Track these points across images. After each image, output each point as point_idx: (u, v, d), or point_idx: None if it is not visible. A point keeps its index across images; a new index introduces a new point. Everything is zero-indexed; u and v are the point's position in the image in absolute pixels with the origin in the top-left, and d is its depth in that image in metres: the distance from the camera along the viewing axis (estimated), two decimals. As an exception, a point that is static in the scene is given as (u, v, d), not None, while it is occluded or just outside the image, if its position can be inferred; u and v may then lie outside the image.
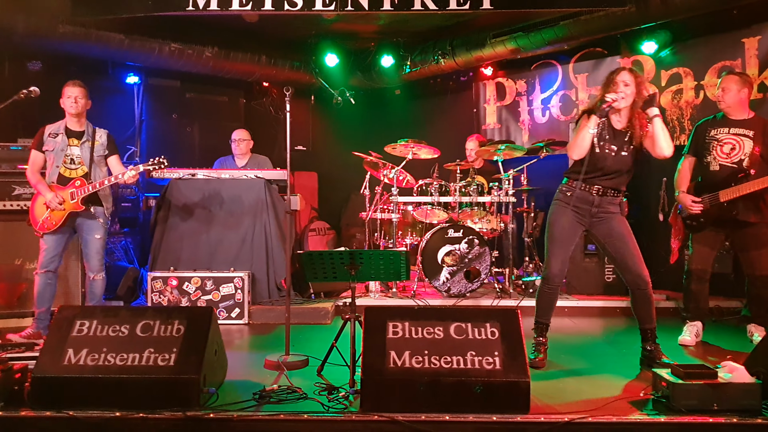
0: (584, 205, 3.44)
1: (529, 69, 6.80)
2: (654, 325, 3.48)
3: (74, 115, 4.16)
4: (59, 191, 4.08)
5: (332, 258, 3.18)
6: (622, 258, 3.42)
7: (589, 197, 3.43)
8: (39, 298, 4.12)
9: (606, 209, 3.43)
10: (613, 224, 3.43)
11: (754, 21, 5.16)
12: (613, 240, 3.43)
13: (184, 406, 2.64)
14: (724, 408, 2.58)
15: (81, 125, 4.22)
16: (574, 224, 3.47)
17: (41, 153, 4.16)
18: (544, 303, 3.58)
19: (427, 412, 2.59)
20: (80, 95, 4.16)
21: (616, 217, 3.44)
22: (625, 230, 3.43)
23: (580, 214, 3.46)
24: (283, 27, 6.55)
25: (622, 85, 3.33)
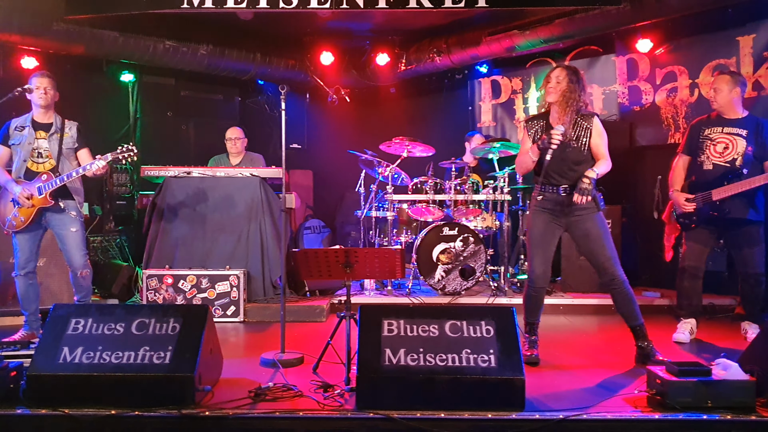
0: (557, 207, 3.47)
1: (524, 67, 6.81)
2: (640, 321, 3.51)
3: (43, 107, 3.98)
4: (26, 186, 3.89)
5: (327, 256, 3.19)
6: (597, 259, 3.46)
7: (558, 198, 3.46)
8: (24, 301, 4.00)
9: (586, 205, 3.40)
10: (590, 225, 3.44)
11: (749, 19, 5.18)
12: (589, 242, 3.46)
13: (179, 404, 2.64)
14: (718, 405, 2.60)
15: (49, 117, 4.02)
16: (550, 226, 3.51)
17: (7, 147, 3.97)
18: (532, 304, 3.60)
19: (423, 410, 2.59)
20: (49, 86, 3.97)
21: (591, 215, 3.45)
22: (601, 231, 3.44)
23: (555, 215, 3.49)
24: (278, 25, 6.53)
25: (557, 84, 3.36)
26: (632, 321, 3.52)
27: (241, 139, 5.68)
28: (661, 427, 2.57)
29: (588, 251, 3.49)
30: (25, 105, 4.10)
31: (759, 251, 3.96)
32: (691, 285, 4.07)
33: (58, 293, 4.67)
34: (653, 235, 5.62)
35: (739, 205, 3.87)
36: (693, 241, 4.06)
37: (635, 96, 5.99)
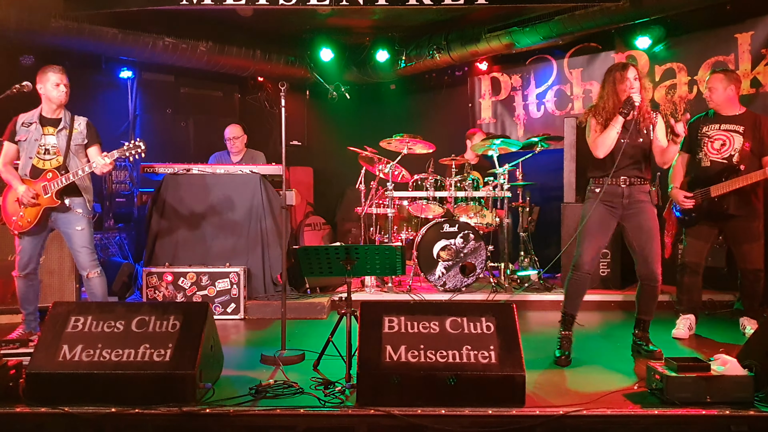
0: (615, 198, 3.51)
1: (524, 64, 6.80)
2: (651, 317, 3.60)
3: (63, 104, 3.86)
4: (31, 185, 3.77)
5: (328, 253, 3.19)
6: (644, 253, 3.49)
7: (617, 190, 3.50)
8: (23, 301, 3.92)
9: (636, 198, 3.49)
10: (643, 218, 3.49)
11: (748, 16, 5.17)
12: (642, 234, 3.49)
13: (180, 401, 2.64)
14: (716, 400, 2.61)
15: (58, 113, 3.87)
16: (605, 217, 3.53)
17: (14, 144, 3.84)
18: (572, 291, 3.60)
19: (423, 406, 2.60)
20: (67, 83, 3.85)
21: (647, 208, 3.51)
22: (653, 226, 3.49)
23: (613, 207, 3.52)
24: (278, 22, 6.52)
25: (634, 81, 3.44)
26: (645, 315, 3.60)
27: (240, 138, 5.68)
28: (661, 422, 2.58)
29: (638, 243, 3.50)
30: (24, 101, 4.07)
31: (758, 247, 3.97)
32: (690, 281, 4.08)
33: (58, 291, 4.67)
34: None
35: (738, 201, 3.88)
36: (693, 238, 4.07)
37: (635, 92, 5.98)
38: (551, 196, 6.02)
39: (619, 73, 3.47)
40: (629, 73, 3.45)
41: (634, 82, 3.44)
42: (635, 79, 3.45)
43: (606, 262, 5.40)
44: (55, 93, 3.83)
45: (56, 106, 3.87)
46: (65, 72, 3.87)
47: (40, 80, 3.85)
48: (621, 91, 3.42)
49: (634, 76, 3.45)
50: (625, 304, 5.10)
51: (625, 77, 3.44)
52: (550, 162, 6.02)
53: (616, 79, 3.47)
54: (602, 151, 3.46)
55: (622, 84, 3.44)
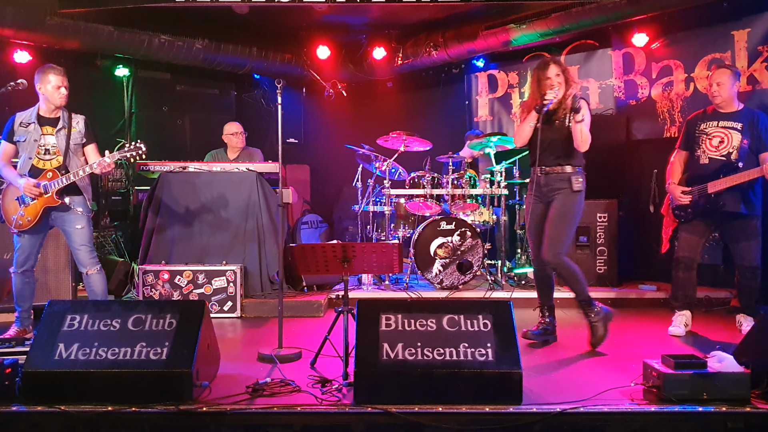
0: (537, 188, 3.70)
1: (521, 61, 6.80)
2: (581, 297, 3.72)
3: (62, 106, 3.87)
4: (32, 179, 3.77)
5: (325, 251, 3.18)
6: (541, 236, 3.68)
7: (537, 179, 3.70)
8: (19, 298, 3.94)
9: (554, 187, 3.65)
10: (555, 205, 3.64)
11: (744, 13, 5.18)
12: (548, 220, 3.67)
13: (176, 400, 2.64)
14: (713, 397, 2.61)
15: (56, 112, 3.88)
16: (535, 208, 3.73)
17: (12, 144, 3.85)
18: (536, 284, 3.93)
19: (421, 404, 2.60)
20: (68, 85, 3.85)
21: (560, 195, 3.64)
22: (560, 213, 3.61)
23: (537, 197, 3.73)
24: (274, 19, 6.50)
25: (555, 78, 3.61)
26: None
27: (239, 135, 5.68)
28: (658, 419, 2.58)
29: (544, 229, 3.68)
30: (19, 99, 4.05)
31: (756, 244, 3.98)
32: (685, 276, 4.08)
33: (54, 289, 4.65)
34: (649, 229, 5.64)
35: (736, 198, 3.88)
36: (688, 233, 4.07)
37: (631, 90, 5.99)
38: (548, 194, 6.00)
39: (540, 72, 3.65)
40: (550, 71, 3.61)
41: (555, 79, 3.60)
42: (557, 76, 3.60)
43: (603, 259, 5.41)
44: (55, 95, 3.83)
45: (54, 107, 3.87)
46: (66, 74, 3.86)
47: (39, 80, 3.83)
48: (542, 88, 3.60)
49: (555, 73, 3.61)
50: (622, 301, 5.12)
51: (546, 75, 3.61)
52: (547, 159, 6.01)
53: (538, 77, 3.66)
54: (518, 143, 3.76)
55: (543, 82, 3.61)
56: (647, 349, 3.64)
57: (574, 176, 3.63)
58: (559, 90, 3.59)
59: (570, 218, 3.63)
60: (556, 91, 3.56)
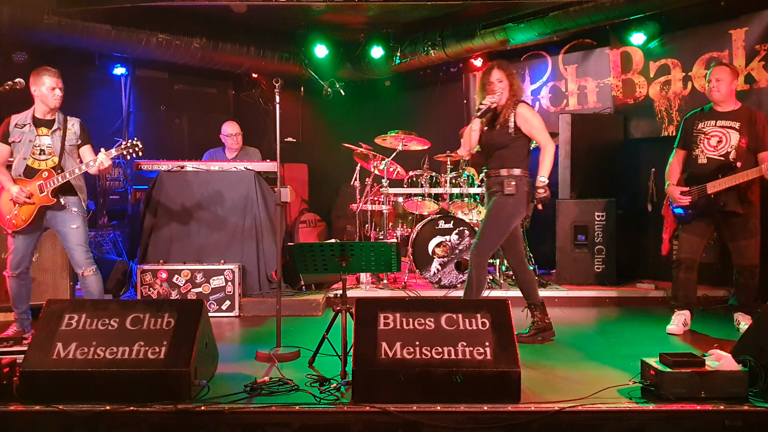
0: (487, 190, 3.84)
1: (519, 60, 6.80)
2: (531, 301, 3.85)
3: (57, 108, 3.87)
4: (26, 184, 3.77)
5: (323, 250, 3.18)
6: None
7: (486, 183, 3.84)
8: (16, 300, 3.92)
9: (492, 189, 3.76)
10: (489, 208, 3.74)
11: (742, 12, 5.18)
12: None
13: (175, 399, 2.64)
14: (711, 395, 2.62)
15: (51, 114, 3.87)
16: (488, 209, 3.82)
17: (7, 145, 3.83)
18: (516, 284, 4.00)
19: (419, 403, 2.60)
20: (62, 86, 3.85)
21: (494, 198, 3.72)
22: (492, 215, 3.70)
23: (488, 198, 3.84)
24: (272, 18, 6.49)
25: (497, 83, 3.68)
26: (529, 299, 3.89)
27: (237, 135, 5.66)
28: (656, 417, 2.58)
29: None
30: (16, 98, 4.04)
31: (754, 243, 3.98)
32: (686, 277, 4.08)
33: (52, 289, 4.64)
34: (648, 228, 5.65)
35: (734, 198, 3.88)
36: (688, 234, 4.07)
37: (629, 89, 5.99)
38: (546, 193, 6.01)
39: (484, 76, 3.74)
40: (492, 75, 3.69)
41: (497, 84, 3.68)
42: (498, 81, 3.68)
43: (601, 258, 5.41)
44: (50, 97, 3.82)
45: (49, 109, 3.87)
46: (60, 75, 3.86)
47: (34, 82, 3.83)
48: (484, 93, 3.69)
49: (497, 78, 3.69)
50: (621, 300, 5.13)
51: (489, 80, 3.69)
52: (545, 158, 6.01)
53: (483, 81, 3.75)
54: (464, 150, 3.84)
55: (486, 87, 3.70)
56: (645, 348, 3.64)
57: (507, 179, 3.64)
58: (500, 96, 3.66)
59: (498, 221, 3.66)
60: (494, 97, 3.64)
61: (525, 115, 3.66)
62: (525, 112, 3.67)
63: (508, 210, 3.66)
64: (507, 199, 3.64)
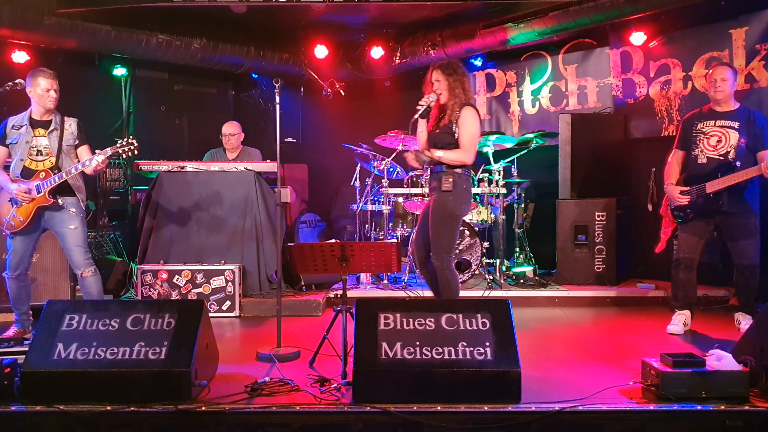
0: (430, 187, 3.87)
1: (518, 60, 6.79)
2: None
3: (52, 109, 3.87)
4: (23, 184, 3.76)
5: (323, 250, 3.18)
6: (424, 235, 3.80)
7: (429, 181, 3.88)
8: (16, 302, 3.93)
9: (432, 186, 3.80)
10: (430, 206, 3.75)
11: (742, 11, 5.18)
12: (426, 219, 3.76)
13: (175, 399, 2.64)
14: (712, 395, 2.62)
15: (48, 115, 3.88)
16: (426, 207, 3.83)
17: (5, 147, 3.85)
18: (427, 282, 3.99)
19: (419, 403, 2.60)
20: (57, 88, 3.85)
21: (435, 195, 3.75)
22: (433, 213, 3.69)
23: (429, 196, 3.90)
24: (272, 18, 6.49)
25: (435, 83, 3.72)
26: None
27: (237, 135, 5.65)
28: (656, 417, 2.59)
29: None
30: (16, 98, 4.04)
31: (754, 243, 3.98)
32: (685, 277, 4.09)
33: (53, 289, 4.65)
34: (648, 227, 5.65)
35: (733, 197, 3.89)
36: (687, 233, 4.08)
37: (629, 89, 5.99)
38: (546, 193, 6.03)
39: (426, 77, 3.78)
40: (432, 76, 3.74)
41: (435, 84, 3.73)
42: (436, 81, 3.73)
43: (601, 257, 5.41)
44: (45, 99, 3.83)
45: (46, 110, 3.87)
46: (56, 77, 3.86)
47: (30, 84, 3.83)
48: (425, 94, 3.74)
49: (435, 78, 3.73)
50: (621, 300, 5.13)
51: (427, 81, 3.75)
52: (545, 158, 6.03)
53: (425, 83, 3.79)
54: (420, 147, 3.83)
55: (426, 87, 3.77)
56: (646, 348, 3.64)
57: (445, 176, 3.64)
58: (438, 96, 3.70)
59: (442, 219, 3.64)
60: (429, 97, 3.68)
61: (464, 117, 3.67)
62: (465, 114, 3.67)
63: (451, 206, 3.65)
64: (446, 195, 3.64)
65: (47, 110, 3.88)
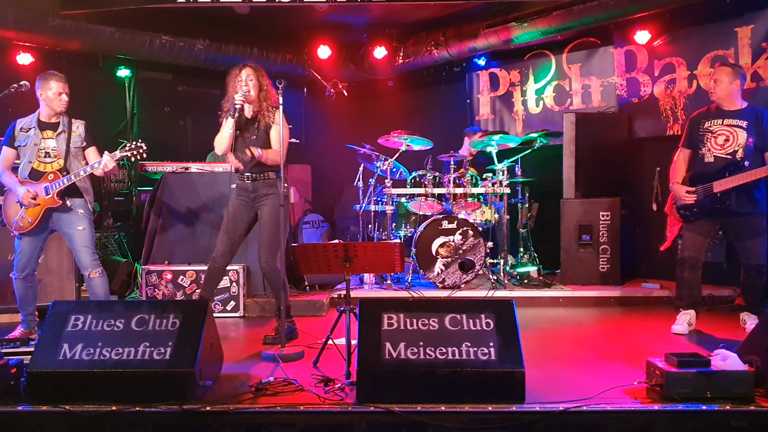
0: (245, 194, 3.83)
1: (522, 59, 6.79)
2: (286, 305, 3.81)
3: (63, 112, 3.90)
4: (31, 187, 3.78)
5: (326, 250, 3.18)
6: (259, 241, 3.86)
7: (245, 185, 3.82)
8: (22, 302, 3.95)
9: (261, 193, 3.81)
10: (264, 211, 3.80)
11: (747, 10, 5.16)
12: (261, 226, 3.83)
13: (180, 399, 2.64)
14: (717, 396, 2.61)
15: (56, 117, 3.91)
16: (238, 212, 3.85)
17: (13, 149, 3.88)
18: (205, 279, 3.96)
19: (423, 403, 2.60)
20: (68, 92, 3.89)
21: (269, 202, 3.79)
22: (271, 218, 3.77)
23: (245, 202, 3.85)
24: (275, 19, 6.50)
25: (248, 81, 3.73)
26: (279, 303, 3.81)
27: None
28: (661, 417, 2.58)
29: (258, 233, 3.85)
30: (21, 100, 4.06)
31: (761, 243, 3.96)
32: (690, 276, 4.07)
33: (58, 290, 4.66)
34: (652, 227, 5.63)
35: (741, 197, 3.87)
36: (693, 232, 4.06)
37: (633, 88, 5.97)
38: (550, 192, 6.02)
39: (232, 75, 3.77)
40: (242, 74, 3.74)
41: (247, 81, 3.73)
42: (248, 78, 3.74)
43: (605, 257, 5.40)
44: (56, 102, 3.86)
45: (55, 113, 3.90)
46: (67, 81, 3.90)
47: (41, 86, 3.86)
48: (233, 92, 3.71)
49: (246, 75, 3.74)
50: (625, 300, 5.12)
51: (239, 78, 3.73)
52: (549, 158, 6.02)
53: (232, 81, 3.77)
54: (219, 149, 3.78)
55: (235, 85, 3.73)
56: (650, 348, 3.63)
57: (279, 182, 3.75)
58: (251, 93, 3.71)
59: (278, 223, 3.70)
60: (243, 93, 3.67)
61: (278, 119, 3.73)
62: (278, 117, 3.72)
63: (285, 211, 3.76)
64: (277, 201, 3.73)
65: (56, 113, 3.91)
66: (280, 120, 3.69)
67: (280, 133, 3.68)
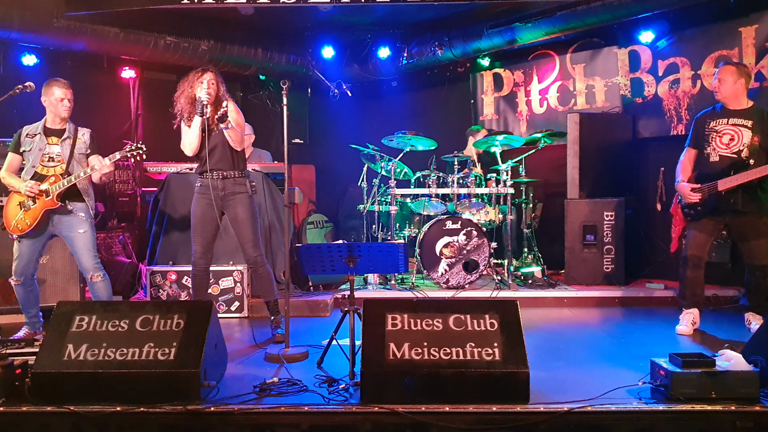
0: (212, 192, 3.82)
1: (526, 59, 6.78)
2: (275, 298, 4.00)
3: (67, 118, 3.93)
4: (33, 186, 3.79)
5: (330, 251, 3.19)
6: (240, 240, 3.91)
7: (213, 183, 3.83)
8: (24, 306, 3.96)
9: (231, 191, 3.86)
10: (239, 210, 3.87)
11: (752, 10, 5.14)
12: (238, 224, 3.88)
13: (184, 400, 2.65)
14: (722, 396, 2.60)
15: (62, 124, 3.96)
16: (206, 211, 3.85)
17: (19, 155, 3.91)
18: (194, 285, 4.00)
19: (427, 403, 2.60)
20: (72, 97, 3.93)
21: (242, 199, 3.87)
22: (248, 216, 3.87)
23: (211, 201, 3.83)
24: (279, 19, 6.51)
25: (210, 84, 3.81)
26: (268, 297, 4.01)
27: (247, 136, 5.66)
28: (666, 418, 2.57)
29: (236, 233, 3.92)
30: (26, 101, 4.07)
31: (765, 243, 3.94)
32: (693, 275, 4.06)
33: (62, 291, 4.67)
34: (656, 227, 5.63)
35: (746, 196, 3.86)
36: (697, 231, 4.05)
37: (637, 88, 5.96)
38: (554, 192, 6.01)
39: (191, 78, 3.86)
40: (205, 77, 3.81)
41: (211, 85, 3.81)
42: (211, 83, 3.81)
43: (610, 257, 5.39)
44: (59, 108, 3.90)
45: (60, 119, 3.94)
46: (70, 87, 3.94)
47: (45, 93, 3.91)
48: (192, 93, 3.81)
49: (209, 79, 3.81)
50: (629, 300, 5.10)
51: (200, 79, 3.80)
52: (553, 158, 6.01)
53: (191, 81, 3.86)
54: (189, 150, 3.87)
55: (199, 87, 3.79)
56: (655, 348, 3.62)
57: (248, 180, 3.93)
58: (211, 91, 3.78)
59: (256, 218, 3.92)
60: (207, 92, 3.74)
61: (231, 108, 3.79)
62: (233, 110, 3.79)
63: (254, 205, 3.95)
64: (252, 197, 3.91)
65: (61, 119, 3.95)
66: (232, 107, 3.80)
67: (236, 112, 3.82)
